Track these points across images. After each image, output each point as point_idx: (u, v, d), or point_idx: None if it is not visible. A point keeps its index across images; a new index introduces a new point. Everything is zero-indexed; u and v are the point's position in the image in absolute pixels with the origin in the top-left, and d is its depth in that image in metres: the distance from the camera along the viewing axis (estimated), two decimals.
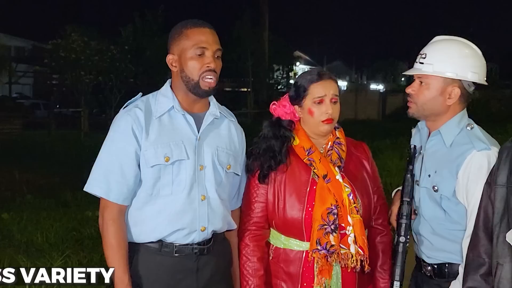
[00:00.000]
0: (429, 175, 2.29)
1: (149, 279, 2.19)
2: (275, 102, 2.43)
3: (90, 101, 20.18)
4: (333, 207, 2.23)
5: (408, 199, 2.29)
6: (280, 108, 2.41)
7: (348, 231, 2.24)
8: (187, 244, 2.19)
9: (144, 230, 2.18)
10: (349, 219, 2.23)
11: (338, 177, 2.27)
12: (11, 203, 7.90)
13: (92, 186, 2.17)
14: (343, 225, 2.24)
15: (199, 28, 2.21)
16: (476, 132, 2.25)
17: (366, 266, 2.24)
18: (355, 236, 2.23)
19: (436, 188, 2.26)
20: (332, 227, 2.22)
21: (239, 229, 2.40)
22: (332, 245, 2.21)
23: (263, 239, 2.37)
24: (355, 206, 2.24)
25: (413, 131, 2.55)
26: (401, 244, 2.25)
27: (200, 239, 2.20)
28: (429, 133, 2.37)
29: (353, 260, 2.22)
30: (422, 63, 2.30)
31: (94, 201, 2.22)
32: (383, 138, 14.14)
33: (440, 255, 2.26)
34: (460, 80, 2.25)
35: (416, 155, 2.38)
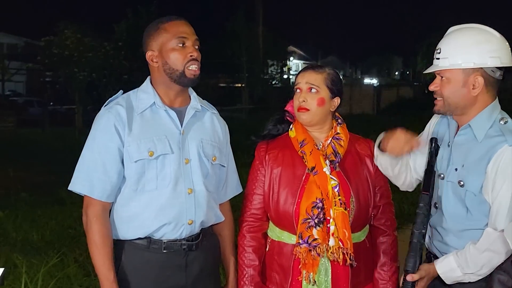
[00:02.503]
0: (456, 169, 2.23)
1: (137, 276, 2.21)
2: None
3: (84, 98, 20.08)
4: (318, 201, 2.24)
5: (428, 192, 2.25)
6: (290, 104, 2.46)
7: (330, 223, 2.24)
8: (175, 240, 2.21)
9: (131, 227, 2.19)
10: (331, 211, 2.23)
11: (326, 169, 2.27)
12: (6, 201, 7.87)
13: (75, 184, 2.18)
14: (329, 218, 2.24)
15: (175, 21, 2.24)
16: (511, 127, 2.16)
17: (348, 260, 2.22)
18: (336, 228, 2.22)
19: (462, 183, 2.19)
20: (316, 220, 2.22)
21: (239, 220, 2.43)
22: (314, 239, 2.21)
23: (260, 230, 2.39)
24: (339, 199, 2.23)
25: (436, 119, 2.46)
26: (416, 233, 2.19)
27: (188, 233, 2.22)
28: (457, 127, 2.29)
29: (331, 253, 2.21)
30: (439, 58, 2.24)
31: None
32: (378, 132, 14.12)
33: (450, 251, 2.22)
34: (481, 67, 2.17)
35: (438, 147, 2.34)
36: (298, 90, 2.35)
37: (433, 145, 2.33)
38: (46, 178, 9.82)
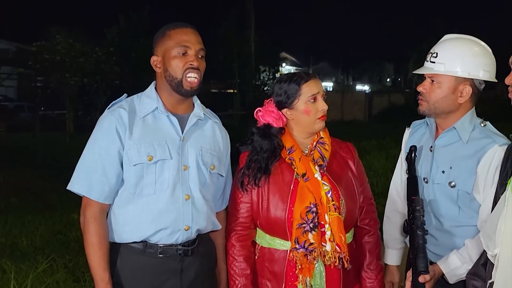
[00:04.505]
0: (443, 172, 2.32)
1: (132, 280, 2.21)
2: (260, 109, 2.41)
3: (75, 103, 20.04)
4: (312, 206, 2.24)
5: (417, 196, 2.29)
6: (269, 114, 2.38)
7: (325, 228, 2.24)
8: (171, 245, 2.21)
9: (128, 230, 2.19)
10: (326, 217, 2.24)
11: (317, 175, 2.28)
12: None
13: (74, 184, 2.19)
14: (323, 223, 2.25)
15: (181, 28, 2.24)
16: (491, 129, 2.32)
17: (346, 264, 2.24)
18: (332, 233, 2.23)
19: (453, 183, 2.29)
20: (311, 225, 2.23)
21: (225, 230, 2.42)
22: (311, 243, 2.22)
23: (249, 239, 2.39)
24: (333, 204, 2.24)
25: (408, 130, 2.60)
26: (419, 235, 2.19)
27: (184, 239, 2.22)
28: (437, 130, 2.41)
29: (329, 258, 2.22)
30: (434, 62, 2.33)
31: (80, 204, 2.22)
32: (370, 139, 14.19)
33: (445, 252, 2.28)
34: (471, 78, 2.28)
35: (416, 154, 2.42)
36: (313, 100, 2.33)
37: (413, 153, 2.42)
38: (36, 183, 9.76)
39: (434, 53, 2.35)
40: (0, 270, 4.71)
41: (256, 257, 2.39)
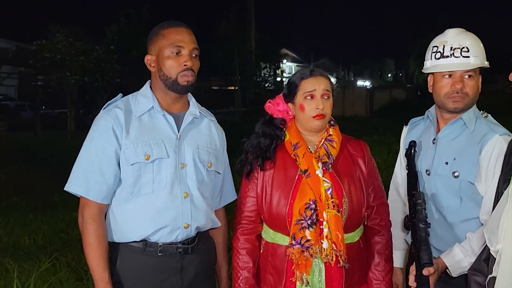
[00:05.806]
0: (446, 163, 2.33)
1: (133, 279, 2.21)
2: (271, 100, 2.45)
3: (76, 102, 20.04)
4: (311, 202, 2.24)
5: (418, 190, 2.30)
6: (274, 106, 2.43)
7: (323, 226, 2.24)
8: (171, 243, 2.21)
9: (127, 229, 2.19)
10: (324, 214, 2.23)
11: (318, 172, 2.28)
12: None
13: (72, 185, 2.19)
14: (321, 220, 2.24)
15: (175, 28, 2.24)
16: (492, 120, 2.36)
17: (342, 262, 2.23)
18: (329, 231, 2.22)
19: (457, 173, 2.30)
20: (309, 222, 2.23)
21: (233, 222, 2.43)
22: (307, 240, 2.21)
23: (254, 232, 2.40)
24: (333, 202, 2.23)
25: (406, 128, 2.60)
26: (422, 227, 2.18)
27: (184, 237, 2.22)
28: (438, 123, 2.43)
29: (326, 255, 2.22)
30: (468, 56, 2.32)
31: None
32: (371, 134, 14.18)
33: (447, 247, 2.27)
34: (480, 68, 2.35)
35: (416, 148, 2.44)
36: (310, 97, 2.32)
37: (413, 148, 2.42)
38: (38, 182, 9.76)
39: (463, 47, 2.32)
40: (3, 269, 4.73)
41: (261, 252, 2.40)
